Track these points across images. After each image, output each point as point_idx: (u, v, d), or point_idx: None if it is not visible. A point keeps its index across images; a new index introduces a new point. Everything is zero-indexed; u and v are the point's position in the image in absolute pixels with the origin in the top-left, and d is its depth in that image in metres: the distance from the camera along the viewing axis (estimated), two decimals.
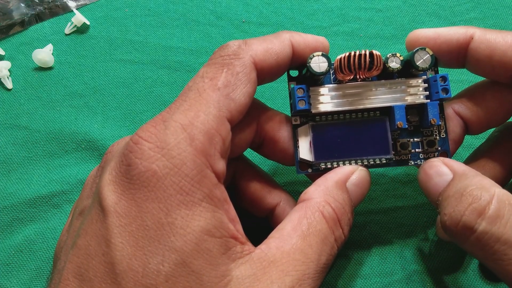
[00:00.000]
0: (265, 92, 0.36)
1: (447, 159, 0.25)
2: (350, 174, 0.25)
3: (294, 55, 0.25)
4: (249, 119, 0.26)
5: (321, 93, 0.26)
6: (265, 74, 0.25)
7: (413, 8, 0.39)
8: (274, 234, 0.23)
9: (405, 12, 0.39)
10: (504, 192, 0.22)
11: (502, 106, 0.27)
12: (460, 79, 0.36)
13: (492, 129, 0.30)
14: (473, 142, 0.33)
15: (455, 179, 0.23)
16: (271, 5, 0.39)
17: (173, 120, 0.21)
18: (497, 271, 0.21)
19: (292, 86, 0.27)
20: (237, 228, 0.22)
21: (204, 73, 0.23)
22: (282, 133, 0.27)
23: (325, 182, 0.25)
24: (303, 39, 0.25)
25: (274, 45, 0.24)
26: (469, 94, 0.28)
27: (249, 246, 0.22)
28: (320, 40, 0.26)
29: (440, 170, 0.24)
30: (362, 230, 0.32)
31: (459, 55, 0.26)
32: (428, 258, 0.31)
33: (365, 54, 0.24)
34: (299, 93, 0.26)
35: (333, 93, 0.26)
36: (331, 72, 0.27)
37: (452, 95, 0.27)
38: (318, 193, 0.24)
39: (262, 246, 0.22)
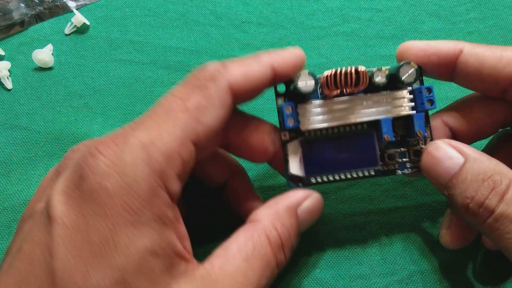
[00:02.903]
0: (265, 92, 0.36)
1: (452, 141, 0.25)
2: (303, 200, 0.26)
3: (277, 76, 0.25)
4: None
5: (309, 109, 0.26)
6: (242, 97, 0.25)
7: (413, 8, 0.39)
8: (219, 252, 0.23)
9: (405, 12, 0.39)
10: None
11: (491, 118, 0.27)
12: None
13: (489, 138, 0.30)
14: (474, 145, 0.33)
15: (469, 162, 0.24)
16: (271, 5, 0.39)
17: (134, 136, 0.21)
18: (509, 250, 0.22)
19: (280, 103, 0.27)
20: (184, 245, 0.22)
21: (176, 92, 0.23)
22: (248, 139, 0.27)
23: (276, 206, 0.25)
24: (282, 58, 0.25)
25: (253, 68, 0.24)
26: (458, 106, 0.28)
27: (193, 264, 0.22)
28: (297, 53, 0.26)
29: (449, 152, 0.24)
30: (362, 230, 0.32)
31: (447, 68, 0.27)
32: (428, 258, 0.31)
33: (351, 72, 0.25)
34: (287, 110, 0.26)
35: (321, 109, 0.27)
36: (318, 87, 0.27)
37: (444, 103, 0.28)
38: (267, 217, 0.25)
39: (206, 264, 0.22)
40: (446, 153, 0.24)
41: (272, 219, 0.24)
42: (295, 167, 0.27)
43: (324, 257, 0.32)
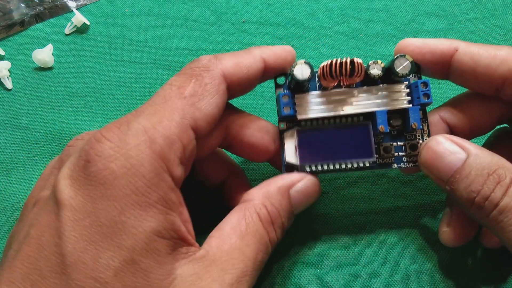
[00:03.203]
0: (265, 93, 0.36)
1: (453, 136, 0.25)
2: (296, 181, 0.26)
3: (268, 68, 0.26)
4: (217, 124, 0.26)
5: (306, 99, 0.27)
6: (235, 86, 0.25)
7: (413, 8, 0.39)
8: (214, 233, 0.24)
9: (405, 12, 0.39)
10: None
11: (486, 116, 0.28)
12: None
13: (488, 134, 0.30)
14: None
15: (472, 157, 0.24)
16: (271, 5, 0.39)
17: (136, 122, 0.22)
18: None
19: (278, 92, 0.28)
20: (188, 229, 0.23)
21: (173, 82, 0.24)
22: (249, 138, 0.27)
23: (268, 186, 0.26)
24: (272, 51, 0.27)
25: (244, 59, 0.25)
26: (455, 102, 0.29)
27: (195, 247, 0.23)
28: (287, 49, 0.27)
29: (451, 147, 0.25)
30: (362, 230, 0.32)
31: (442, 66, 0.27)
32: (428, 257, 0.31)
33: (346, 62, 0.25)
34: (284, 99, 0.27)
35: (318, 99, 0.27)
36: (317, 79, 0.27)
37: (440, 101, 0.28)
38: (258, 195, 0.26)
39: (205, 245, 0.23)
40: (448, 148, 0.25)
41: (262, 197, 0.25)
42: (290, 155, 0.27)
43: (324, 257, 0.32)
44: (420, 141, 0.27)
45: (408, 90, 0.27)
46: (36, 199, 0.24)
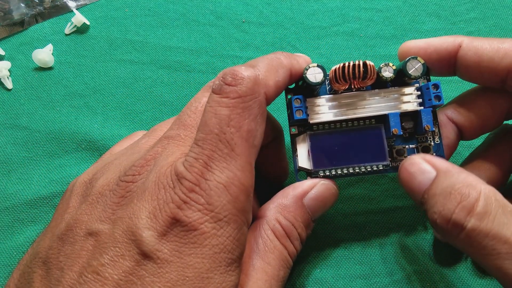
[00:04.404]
0: None
1: (427, 156, 0.25)
2: (309, 189, 0.26)
3: (290, 80, 0.26)
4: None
5: (318, 103, 0.27)
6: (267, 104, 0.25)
7: (413, 8, 0.39)
8: None
9: (405, 12, 0.39)
10: (490, 188, 0.22)
11: (494, 110, 0.28)
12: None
13: (487, 134, 0.30)
14: (473, 142, 0.33)
15: (439, 176, 0.23)
16: (271, 5, 0.39)
17: (215, 180, 0.21)
18: (486, 266, 0.22)
19: (289, 96, 0.27)
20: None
21: (229, 121, 0.22)
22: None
23: (280, 198, 0.26)
24: (299, 65, 0.26)
25: (280, 77, 0.25)
26: (461, 101, 0.29)
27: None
28: (308, 60, 0.27)
29: (423, 167, 0.24)
30: (362, 230, 0.32)
31: (449, 63, 0.27)
32: (428, 258, 0.31)
33: (359, 65, 0.25)
34: (296, 103, 0.27)
35: (329, 103, 0.27)
36: (327, 83, 0.27)
37: (446, 102, 0.28)
38: (270, 211, 0.26)
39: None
40: (420, 168, 0.24)
41: (275, 212, 0.26)
42: (303, 160, 0.27)
43: (324, 257, 0.32)
44: (432, 143, 0.28)
45: (419, 93, 0.27)
46: (91, 228, 0.22)
